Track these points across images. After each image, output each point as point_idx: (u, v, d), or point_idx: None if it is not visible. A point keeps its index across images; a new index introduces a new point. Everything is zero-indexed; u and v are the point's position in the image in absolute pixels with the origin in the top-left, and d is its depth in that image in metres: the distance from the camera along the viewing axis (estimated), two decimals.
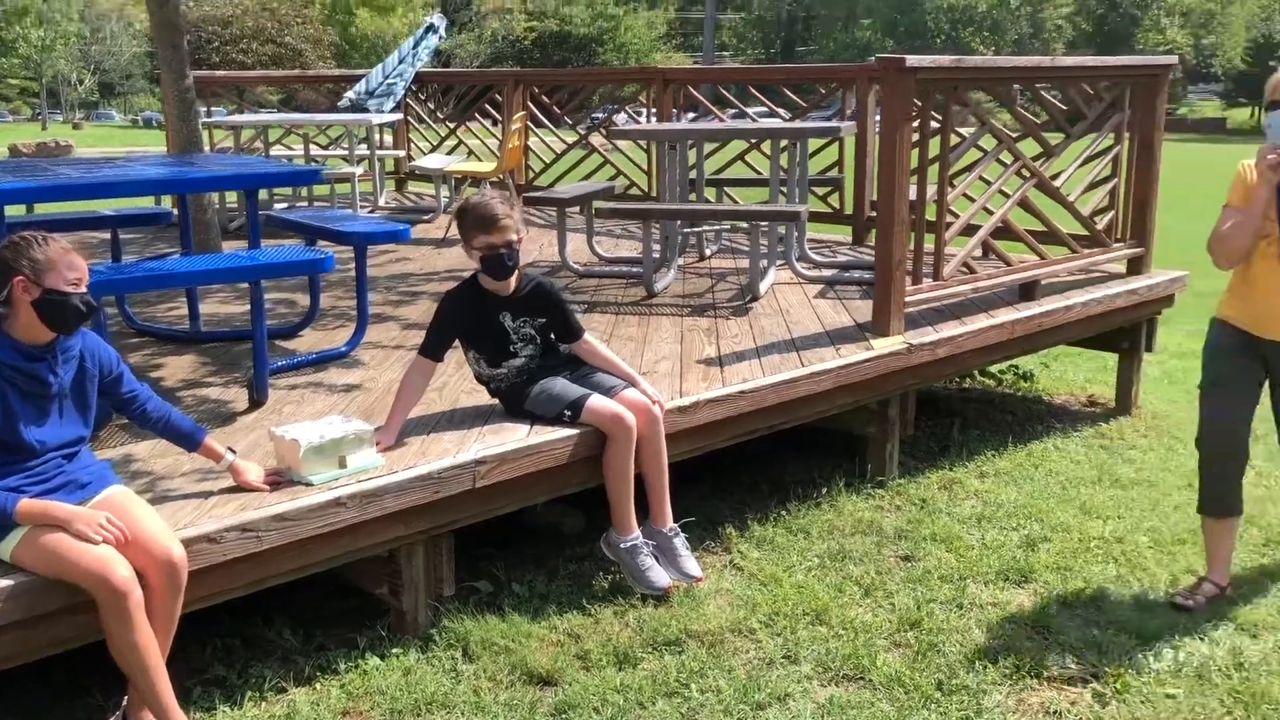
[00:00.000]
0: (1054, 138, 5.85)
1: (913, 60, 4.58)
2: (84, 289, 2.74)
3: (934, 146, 4.92)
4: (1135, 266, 6.03)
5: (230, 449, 3.15)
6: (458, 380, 4.20)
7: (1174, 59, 6.02)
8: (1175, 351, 7.61)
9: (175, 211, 5.26)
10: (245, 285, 4.67)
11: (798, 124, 6.62)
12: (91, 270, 2.86)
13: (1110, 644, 3.46)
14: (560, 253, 6.39)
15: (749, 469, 4.99)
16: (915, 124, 4.74)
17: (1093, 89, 5.84)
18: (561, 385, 3.76)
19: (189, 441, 3.09)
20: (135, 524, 2.67)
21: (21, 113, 64.54)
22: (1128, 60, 5.47)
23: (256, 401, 3.94)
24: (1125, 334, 6.02)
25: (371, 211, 9.02)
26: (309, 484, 3.12)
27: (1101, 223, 5.83)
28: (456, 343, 3.80)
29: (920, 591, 3.84)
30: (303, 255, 4.04)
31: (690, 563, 3.83)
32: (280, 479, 3.16)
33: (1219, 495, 3.77)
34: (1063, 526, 4.43)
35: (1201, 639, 3.51)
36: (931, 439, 5.48)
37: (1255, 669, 3.34)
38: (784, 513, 4.48)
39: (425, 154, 10.67)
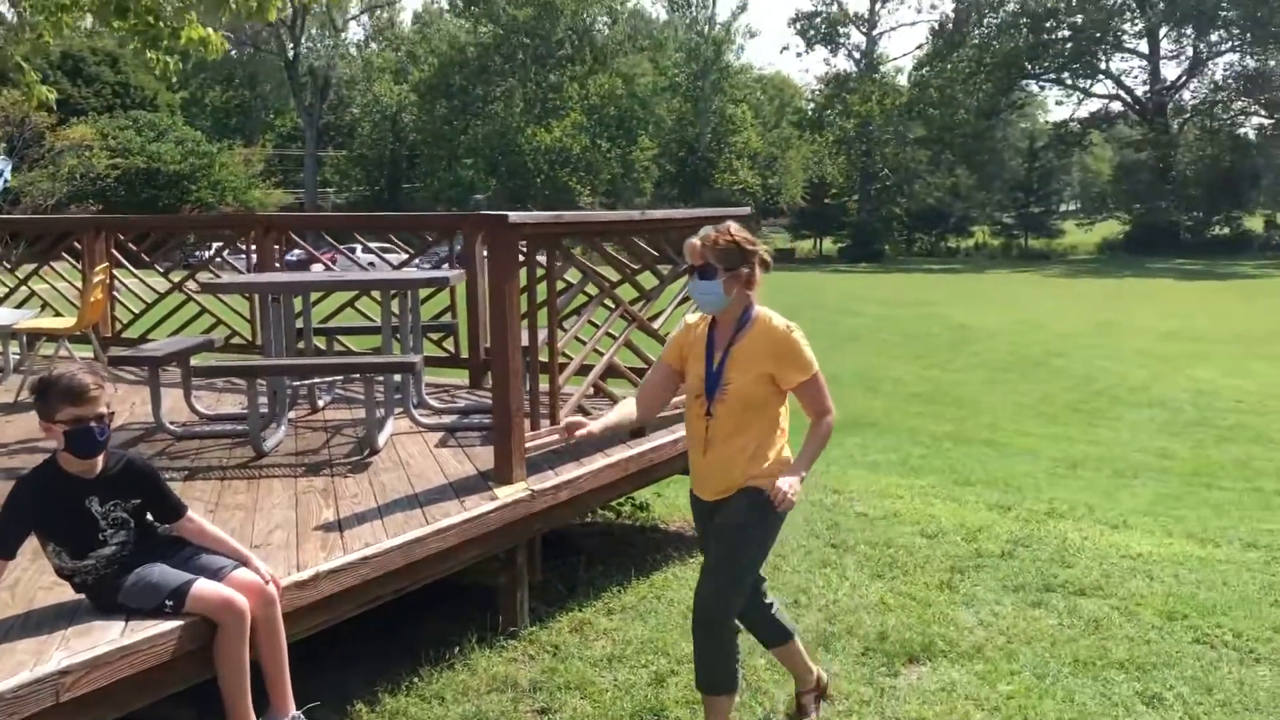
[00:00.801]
0: (648, 281, 6.26)
1: (515, 217, 4.75)
2: None
3: (541, 292, 5.10)
4: None
5: None
6: (33, 574, 3.71)
7: (747, 209, 6.68)
8: None
9: None
10: None
11: (408, 274, 6.63)
12: None
13: None
14: (154, 413, 5.91)
15: (379, 630, 4.78)
16: (522, 272, 4.89)
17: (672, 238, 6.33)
18: (160, 571, 3.43)
19: None
20: None
21: None
22: (705, 212, 6.00)
23: None
24: None
25: None
26: None
27: None
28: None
29: None
30: None
31: None
32: None
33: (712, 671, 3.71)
34: (688, 658, 4.58)
35: None
36: (559, 580, 5.54)
37: None
38: (416, 679, 4.32)
39: None
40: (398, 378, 6.15)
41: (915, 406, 13.29)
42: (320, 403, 6.80)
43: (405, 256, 8.95)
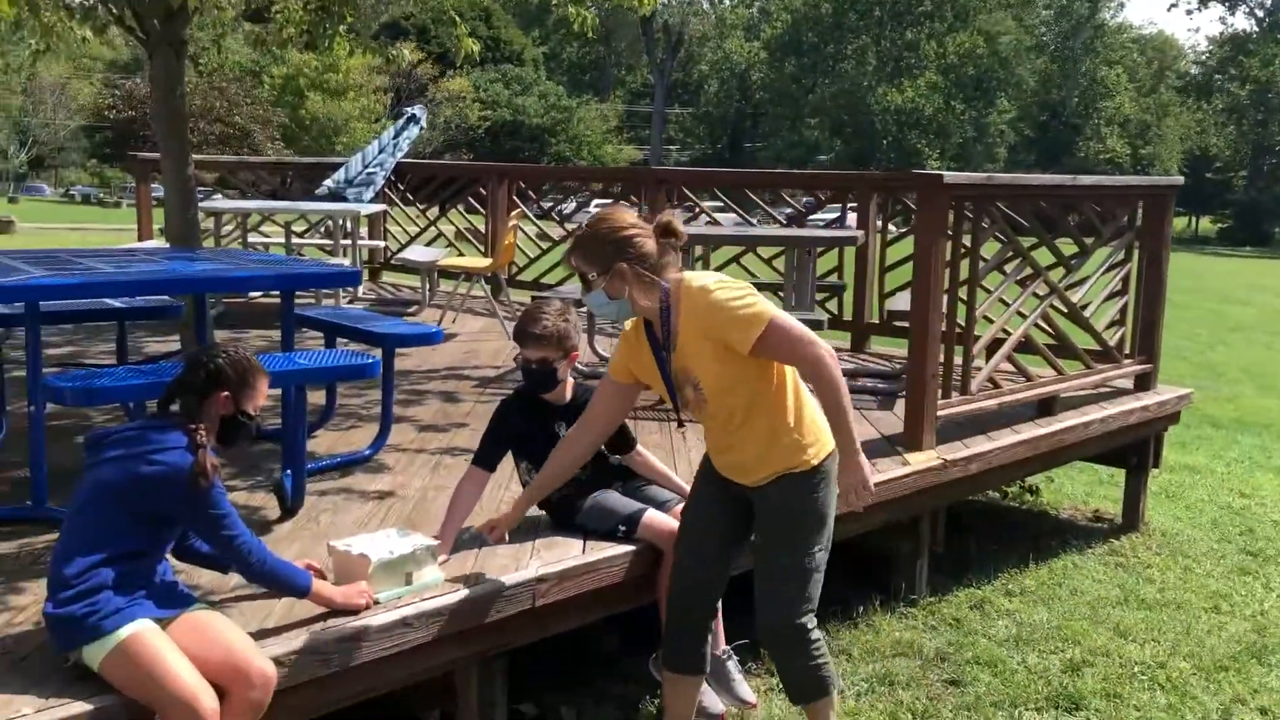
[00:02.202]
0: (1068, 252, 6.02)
1: (950, 177, 4.71)
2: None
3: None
4: (1143, 382, 6.18)
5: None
6: (497, 491, 4.13)
7: (1179, 179, 6.27)
8: (1168, 465, 7.76)
9: (184, 305, 5.17)
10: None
11: (818, 233, 6.73)
12: (136, 372, 2.86)
13: None
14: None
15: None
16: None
17: (1103, 207, 6.04)
18: (615, 499, 3.72)
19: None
20: (225, 640, 2.59)
21: None
22: (1138, 180, 5.68)
23: (290, 509, 3.84)
24: (1133, 450, 6.13)
25: (350, 303, 8.96)
26: (376, 602, 3.03)
27: (1113, 338, 5.98)
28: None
29: (976, 719, 3.82)
30: (353, 360, 3.99)
31: (744, 688, 3.76)
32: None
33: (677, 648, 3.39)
34: (1102, 650, 4.44)
35: None
36: (951, 555, 5.50)
37: None
38: (824, 632, 4.43)
39: (402, 245, 10.69)
40: None
41: None
42: None
43: (736, 218, 9.13)
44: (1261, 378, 13.77)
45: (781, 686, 3.36)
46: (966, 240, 5.03)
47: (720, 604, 3.73)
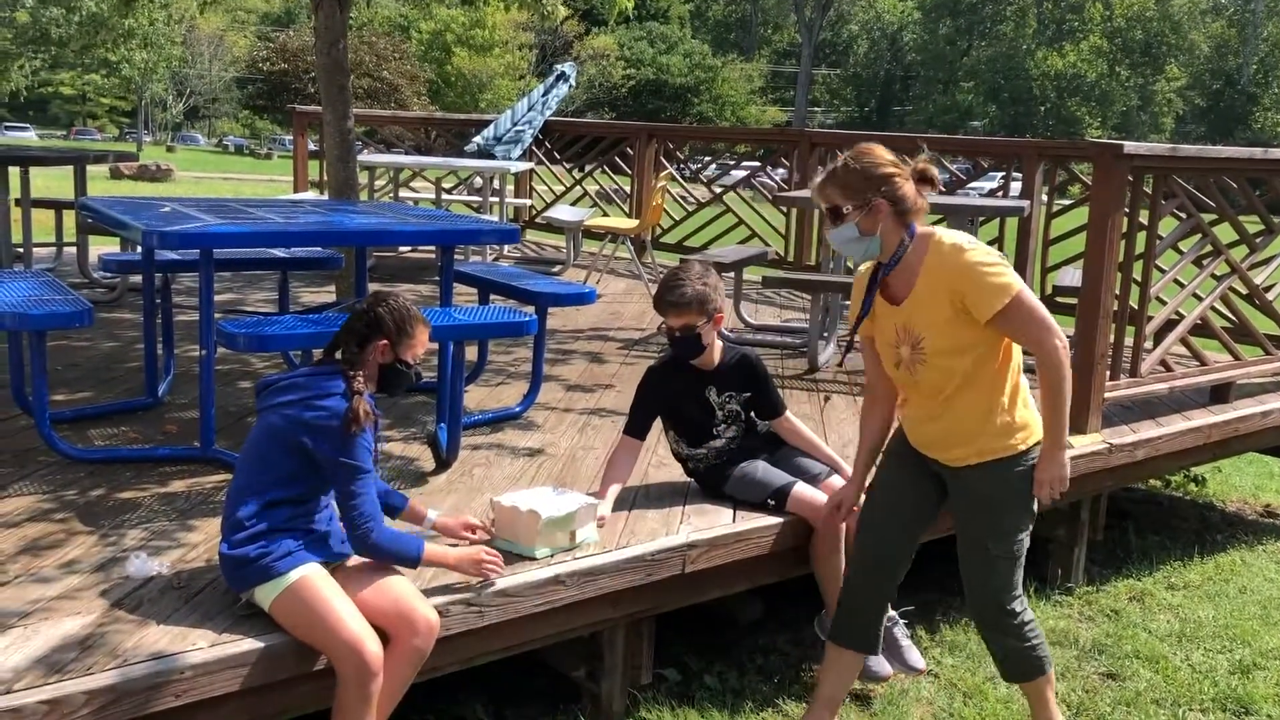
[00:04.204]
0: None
1: (1130, 147, 4.51)
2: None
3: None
4: None
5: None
6: (644, 453, 4.16)
7: None
8: None
9: (343, 257, 5.33)
10: None
11: (981, 201, 6.55)
12: (304, 320, 2.93)
13: None
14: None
15: (927, 569, 4.86)
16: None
17: None
18: (764, 469, 3.71)
19: (390, 508, 3.08)
20: (393, 587, 2.68)
21: (108, 131, 66.91)
22: None
23: (445, 462, 3.94)
24: None
25: (496, 260, 9.12)
26: (531, 557, 3.09)
27: None
28: None
29: (1135, 717, 3.70)
30: (511, 317, 4.06)
31: (914, 654, 3.70)
32: (488, 539, 3.14)
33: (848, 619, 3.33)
34: (1274, 653, 4.25)
35: None
36: (1110, 544, 5.33)
37: None
38: (953, 612, 4.36)
39: (548, 203, 10.82)
40: None
41: None
42: None
43: None
44: None
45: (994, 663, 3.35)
46: (1141, 215, 4.83)
47: None
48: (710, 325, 3.61)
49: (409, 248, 8.96)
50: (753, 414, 3.80)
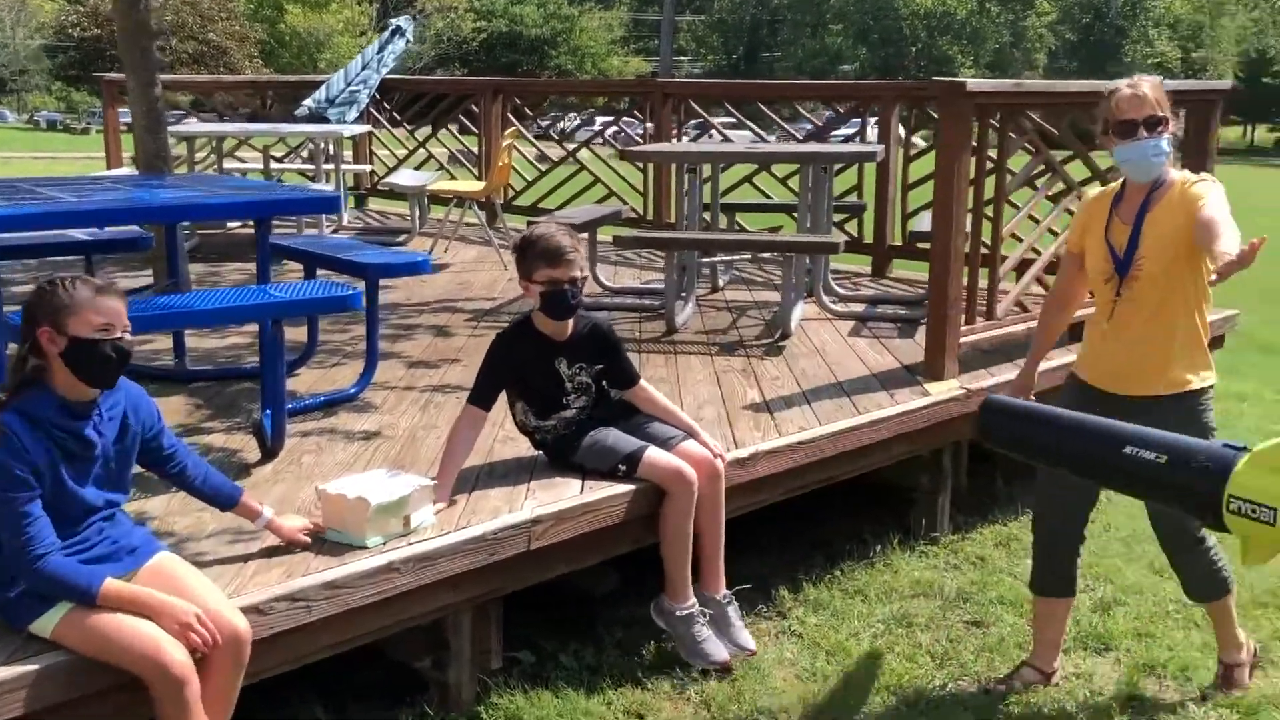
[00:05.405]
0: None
1: (973, 84, 4.67)
2: (118, 333, 2.66)
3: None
4: None
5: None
6: (489, 428, 4.16)
7: (1227, 83, 6.19)
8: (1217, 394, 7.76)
9: (153, 236, 5.18)
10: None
11: (833, 148, 6.69)
12: None
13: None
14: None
15: (791, 526, 5.00)
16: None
17: None
18: (615, 436, 3.75)
19: (225, 500, 3.03)
20: (191, 595, 2.62)
21: None
22: (1182, 84, 5.61)
23: (271, 451, 3.89)
24: None
25: (335, 232, 8.97)
26: (363, 546, 3.08)
27: None
28: None
29: (998, 662, 3.87)
30: (332, 292, 4.01)
31: (744, 634, 3.82)
32: (318, 534, 3.12)
33: (1048, 572, 3.73)
34: (1134, 588, 4.49)
35: None
36: (975, 491, 5.53)
37: None
38: (837, 573, 4.50)
39: (390, 169, 10.66)
40: (807, 261, 6.28)
41: None
42: (720, 282, 7.08)
43: (751, 136, 9.05)
44: None
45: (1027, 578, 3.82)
46: (993, 154, 5.01)
47: (722, 547, 3.80)
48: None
49: (238, 223, 8.74)
50: (603, 384, 3.83)
